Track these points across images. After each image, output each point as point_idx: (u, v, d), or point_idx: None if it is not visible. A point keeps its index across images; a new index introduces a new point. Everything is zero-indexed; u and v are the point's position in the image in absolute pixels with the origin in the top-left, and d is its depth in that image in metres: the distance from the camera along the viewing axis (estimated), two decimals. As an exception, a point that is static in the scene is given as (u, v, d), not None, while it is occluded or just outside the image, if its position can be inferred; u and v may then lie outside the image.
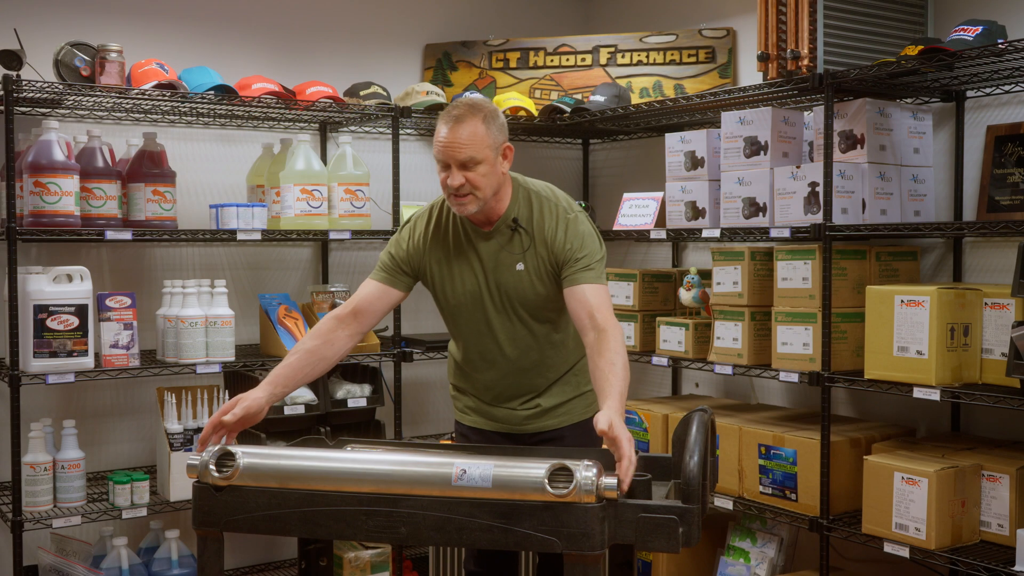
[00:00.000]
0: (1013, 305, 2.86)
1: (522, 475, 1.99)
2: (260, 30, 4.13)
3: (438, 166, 2.54)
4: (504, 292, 2.63)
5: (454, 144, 2.48)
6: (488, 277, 2.63)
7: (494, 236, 2.62)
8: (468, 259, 2.64)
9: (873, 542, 3.02)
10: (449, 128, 2.49)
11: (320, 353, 2.56)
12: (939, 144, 3.44)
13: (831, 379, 3.17)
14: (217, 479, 2.12)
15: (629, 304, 3.95)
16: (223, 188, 4.07)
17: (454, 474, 2.01)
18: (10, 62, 3.24)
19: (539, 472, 1.97)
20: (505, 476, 1.99)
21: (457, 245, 2.65)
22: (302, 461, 2.14)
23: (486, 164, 2.50)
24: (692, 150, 3.74)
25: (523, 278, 2.61)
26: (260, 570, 4.07)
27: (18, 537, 3.26)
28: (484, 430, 2.79)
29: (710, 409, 2.18)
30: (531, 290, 2.61)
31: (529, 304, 2.63)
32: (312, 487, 2.08)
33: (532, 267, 2.60)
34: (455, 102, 2.56)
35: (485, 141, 2.50)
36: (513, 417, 2.75)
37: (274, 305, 3.84)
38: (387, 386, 3.99)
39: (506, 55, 4.49)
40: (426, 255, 2.67)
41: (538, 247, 2.59)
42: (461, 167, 2.49)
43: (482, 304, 2.65)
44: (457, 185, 2.49)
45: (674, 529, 1.89)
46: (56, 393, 3.74)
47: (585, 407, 2.78)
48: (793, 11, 3.21)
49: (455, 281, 2.66)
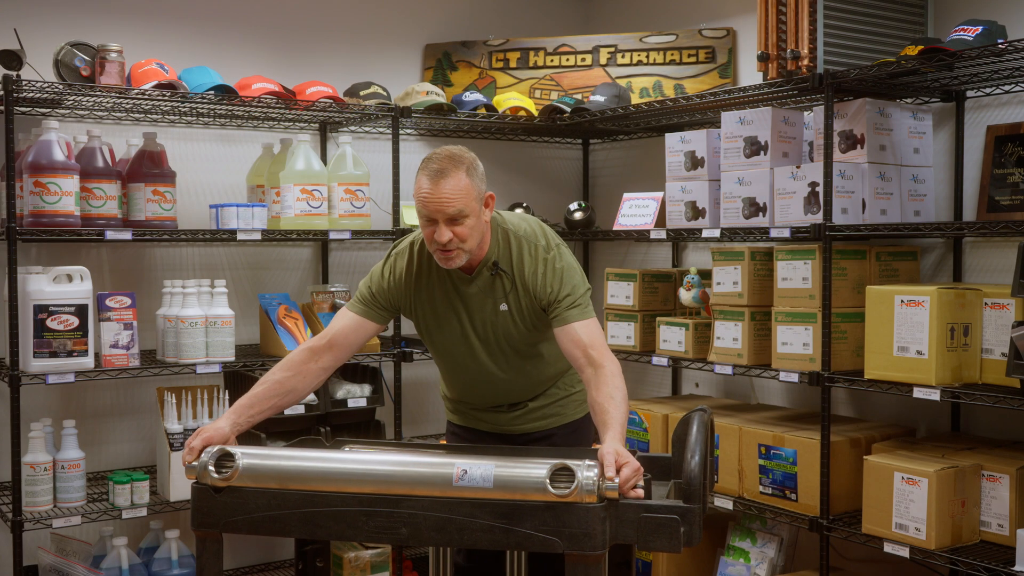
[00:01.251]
0: (1013, 305, 2.86)
1: (523, 475, 1.99)
2: (260, 30, 4.13)
3: (420, 220, 2.47)
4: (490, 330, 2.61)
5: (441, 199, 2.41)
6: (474, 318, 2.61)
7: (475, 280, 2.58)
8: (451, 303, 2.61)
9: (873, 542, 3.02)
10: (433, 183, 2.42)
11: (289, 385, 2.50)
12: (939, 144, 3.44)
13: (831, 379, 3.17)
14: (216, 480, 2.12)
15: (629, 304, 3.95)
16: (223, 188, 4.07)
17: (455, 475, 2.01)
18: (10, 62, 3.24)
19: (540, 472, 1.97)
20: (506, 476, 2.00)
21: (442, 288, 2.61)
22: (301, 462, 2.14)
23: (472, 216, 2.45)
24: (692, 150, 3.74)
25: (507, 318, 2.58)
26: (259, 570, 4.07)
27: (18, 537, 3.26)
28: (476, 429, 2.81)
29: (709, 409, 2.19)
30: (516, 328, 2.59)
31: (515, 340, 2.62)
32: (312, 488, 2.07)
33: (515, 307, 2.57)
34: (432, 154, 2.48)
35: (471, 193, 2.44)
36: (502, 419, 2.76)
37: (274, 305, 3.84)
38: (387, 386, 3.99)
39: (506, 55, 4.49)
40: (407, 294, 2.63)
41: (519, 287, 2.56)
42: (449, 222, 2.43)
43: (468, 342, 2.63)
44: (446, 241, 2.43)
45: (676, 529, 1.89)
46: (56, 393, 3.74)
47: (575, 407, 2.79)
48: (793, 11, 3.21)
49: (440, 323, 2.63)
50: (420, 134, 4.44)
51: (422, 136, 4.46)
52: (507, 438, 2.76)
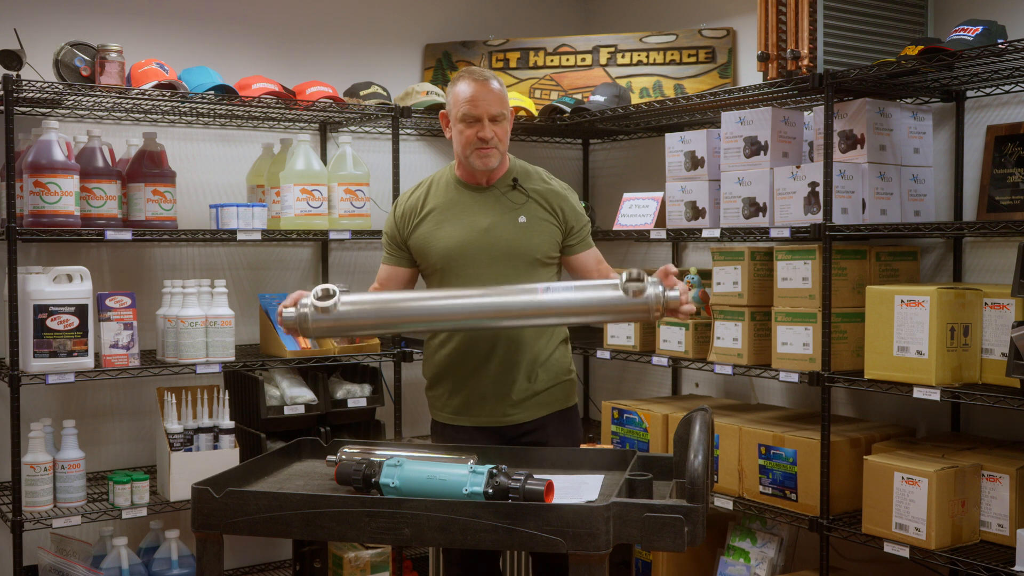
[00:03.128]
0: (1013, 305, 2.86)
1: (599, 282, 2.49)
2: (260, 30, 4.13)
3: (460, 124, 2.73)
4: (502, 244, 2.75)
5: (488, 98, 2.70)
6: (486, 231, 2.76)
7: (490, 192, 2.81)
8: (461, 216, 2.79)
9: (873, 542, 3.02)
10: (480, 84, 2.71)
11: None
12: (939, 144, 3.44)
13: (831, 379, 3.17)
14: (319, 307, 2.40)
15: (629, 304, 3.95)
16: (223, 188, 4.07)
17: (539, 289, 2.43)
18: (10, 62, 3.24)
19: (615, 281, 2.40)
20: (584, 285, 2.47)
21: (451, 204, 2.80)
22: (396, 296, 2.60)
23: (507, 121, 2.77)
24: (692, 150, 3.74)
25: (525, 229, 2.77)
26: (259, 570, 4.07)
27: (18, 537, 3.26)
28: (465, 427, 2.82)
29: (710, 409, 2.19)
30: (529, 241, 2.77)
31: (526, 257, 2.76)
32: (408, 318, 2.48)
33: (532, 220, 2.78)
34: (467, 68, 2.78)
35: (506, 100, 2.77)
36: (499, 407, 2.78)
37: (274, 305, 3.83)
38: (387, 386, 3.99)
39: (506, 55, 4.49)
40: (413, 219, 2.84)
41: (538, 204, 2.80)
42: (492, 120, 2.71)
43: (475, 258, 2.75)
44: (491, 137, 2.70)
45: (680, 528, 1.89)
46: (56, 393, 3.74)
47: (565, 396, 2.87)
48: (793, 11, 3.21)
49: (445, 234, 2.77)
50: (420, 134, 4.44)
51: (422, 136, 4.46)
52: (498, 432, 2.79)
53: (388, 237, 2.88)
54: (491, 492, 2.00)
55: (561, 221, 2.82)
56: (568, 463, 2.44)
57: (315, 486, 2.29)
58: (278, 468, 2.44)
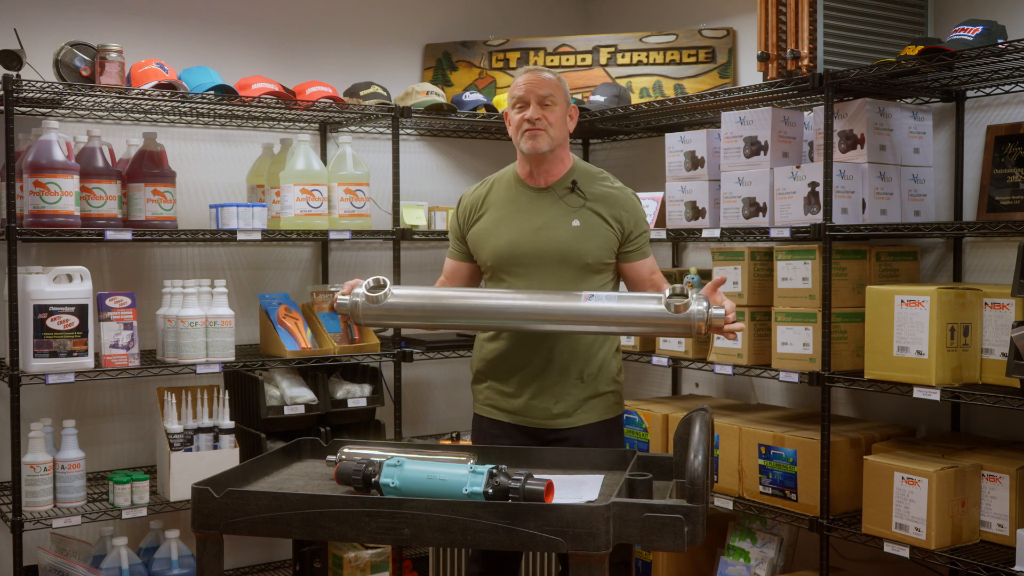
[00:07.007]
0: (1013, 305, 2.86)
1: (642, 294, 2.59)
2: (260, 30, 4.13)
3: (512, 112, 2.76)
4: (553, 247, 2.73)
5: (536, 81, 2.73)
6: (538, 232, 2.75)
7: (548, 193, 2.79)
8: (517, 216, 2.78)
9: (873, 542, 3.02)
10: (531, 73, 2.75)
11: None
12: (939, 144, 3.44)
13: (831, 379, 3.17)
14: (370, 296, 2.53)
15: (629, 304, 3.95)
16: (223, 188, 4.07)
17: (583, 296, 2.51)
18: (10, 62, 3.24)
19: (657, 296, 2.48)
20: (628, 296, 2.58)
21: (509, 202, 2.80)
22: (445, 292, 2.68)
23: (560, 108, 2.74)
24: (692, 150, 3.74)
25: (577, 233, 2.74)
26: (259, 570, 4.07)
27: (18, 537, 3.26)
28: (503, 423, 2.81)
29: (709, 409, 2.19)
30: (581, 246, 2.74)
31: (576, 261, 2.73)
32: (455, 317, 2.59)
33: (587, 224, 2.75)
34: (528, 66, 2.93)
35: (560, 89, 2.76)
36: (545, 409, 2.76)
37: (274, 305, 3.83)
38: (387, 386, 3.99)
39: (506, 55, 4.49)
40: (474, 215, 2.85)
41: (595, 209, 2.76)
42: (539, 103, 2.71)
43: (524, 259, 2.75)
44: (535, 117, 2.70)
45: (680, 528, 1.89)
46: (56, 393, 3.74)
47: (605, 408, 2.82)
48: (793, 11, 3.21)
49: (498, 232, 2.78)
50: (420, 134, 4.44)
51: (422, 136, 4.46)
52: (535, 435, 2.77)
53: (452, 231, 2.92)
54: (491, 492, 2.00)
55: (618, 227, 2.77)
56: (568, 463, 2.44)
57: (315, 486, 2.29)
58: (278, 468, 2.44)
